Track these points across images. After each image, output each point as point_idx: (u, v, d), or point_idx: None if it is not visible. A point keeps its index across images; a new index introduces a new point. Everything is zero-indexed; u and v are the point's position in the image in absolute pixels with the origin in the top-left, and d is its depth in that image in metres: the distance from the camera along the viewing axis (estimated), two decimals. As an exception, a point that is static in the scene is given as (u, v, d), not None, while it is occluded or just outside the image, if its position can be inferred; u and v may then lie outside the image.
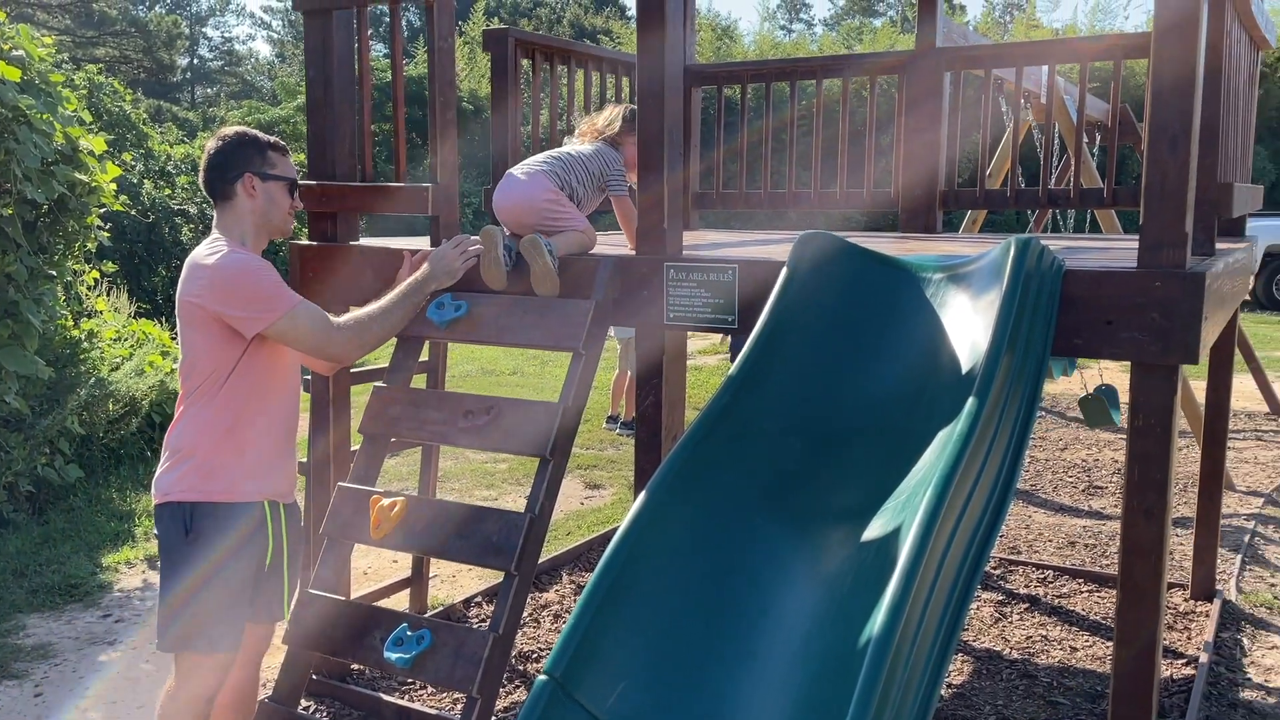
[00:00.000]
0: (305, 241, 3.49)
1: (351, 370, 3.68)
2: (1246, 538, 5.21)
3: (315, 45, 3.41)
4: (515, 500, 5.92)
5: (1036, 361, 2.26)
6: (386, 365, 3.20)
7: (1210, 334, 2.59)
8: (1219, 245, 3.25)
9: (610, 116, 3.47)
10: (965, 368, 2.22)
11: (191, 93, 47.16)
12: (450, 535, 2.71)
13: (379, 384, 3.06)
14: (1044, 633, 4.08)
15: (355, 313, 2.71)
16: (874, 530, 2.00)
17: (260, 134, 2.65)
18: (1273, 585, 4.63)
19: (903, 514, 1.93)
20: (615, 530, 5.38)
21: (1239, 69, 3.35)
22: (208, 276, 2.47)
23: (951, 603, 1.96)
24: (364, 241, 3.67)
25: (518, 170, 3.27)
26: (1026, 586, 4.55)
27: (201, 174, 2.64)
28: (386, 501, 2.77)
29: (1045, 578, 4.64)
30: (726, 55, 33.63)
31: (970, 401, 2.02)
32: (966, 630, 4.11)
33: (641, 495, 2.07)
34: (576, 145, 3.46)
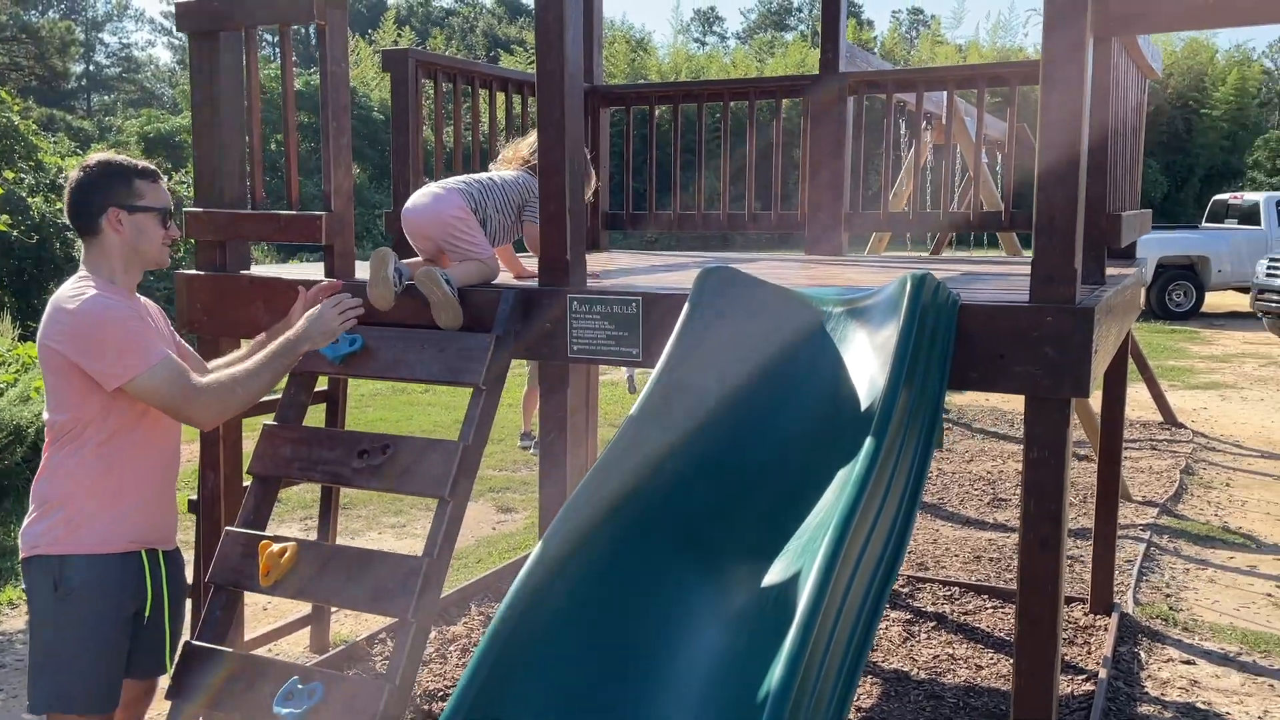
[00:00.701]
0: (191, 271, 3.34)
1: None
2: (1142, 548, 5.36)
3: (201, 67, 3.28)
4: (425, 526, 5.79)
5: (934, 396, 2.27)
6: (279, 398, 3.08)
7: (1101, 365, 2.64)
8: (1110, 271, 3.33)
9: (530, 143, 3.39)
10: (864, 404, 2.21)
11: (87, 100, 45.50)
12: (344, 581, 2.60)
13: (269, 422, 2.93)
14: (950, 651, 4.13)
15: (219, 375, 2.51)
16: (775, 574, 1.98)
17: (127, 161, 2.48)
18: (1168, 596, 4.78)
19: (802, 558, 1.91)
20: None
21: (1126, 100, 3.45)
22: (68, 323, 2.32)
23: (853, 644, 1.94)
24: (262, 269, 3.54)
25: (434, 185, 3.21)
26: (934, 604, 4.61)
27: (65, 208, 2.48)
28: (276, 547, 2.66)
29: (952, 594, 4.70)
30: (641, 68, 33.81)
31: (868, 442, 2.01)
32: (875, 651, 4.13)
33: (536, 547, 2.01)
34: (500, 171, 3.38)
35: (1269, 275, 13.26)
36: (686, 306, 2.46)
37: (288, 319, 2.86)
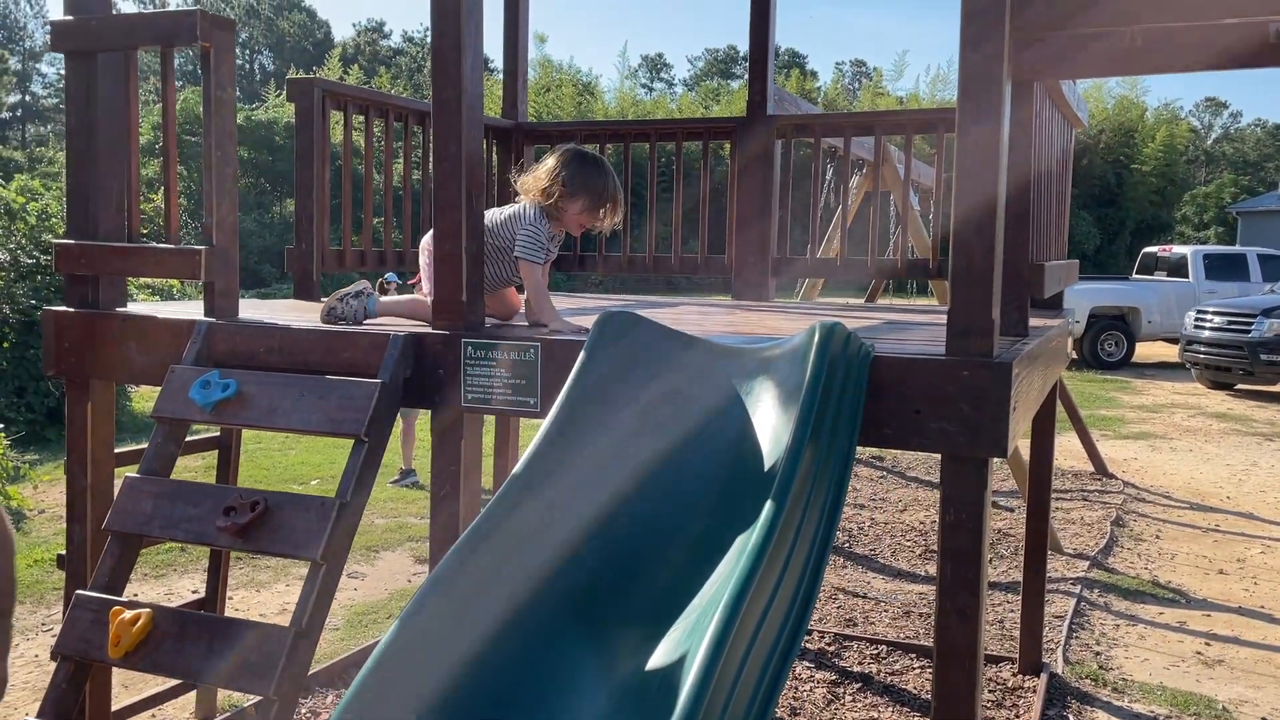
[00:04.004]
0: (60, 308, 3.09)
1: (117, 450, 3.28)
2: (1073, 604, 5.25)
3: (77, 91, 3.05)
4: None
5: (842, 454, 2.10)
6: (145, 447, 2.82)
7: (1022, 422, 2.51)
8: (1035, 322, 3.22)
9: (548, 169, 3.00)
10: (768, 464, 2.04)
11: (22, 131, 44.48)
12: (204, 653, 2.35)
13: (131, 474, 2.68)
14: (875, 715, 3.95)
15: None
16: (661, 655, 1.78)
17: None
18: (1098, 654, 4.65)
19: (691, 638, 1.72)
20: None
21: (1050, 148, 3.37)
22: None
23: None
24: (139, 307, 3.30)
25: None
26: (860, 664, 4.43)
27: None
28: (128, 614, 2.40)
29: (879, 654, 4.53)
30: (588, 111, 33.93)
31: (768, 507, 1.83)
32: (799, 715, 3.94)
33: (393, 627, 1.79)
34: (511, 207, 3.08)
35: (1196, 327, 13.50)
36: (582, 354, 2.28)
37: None
